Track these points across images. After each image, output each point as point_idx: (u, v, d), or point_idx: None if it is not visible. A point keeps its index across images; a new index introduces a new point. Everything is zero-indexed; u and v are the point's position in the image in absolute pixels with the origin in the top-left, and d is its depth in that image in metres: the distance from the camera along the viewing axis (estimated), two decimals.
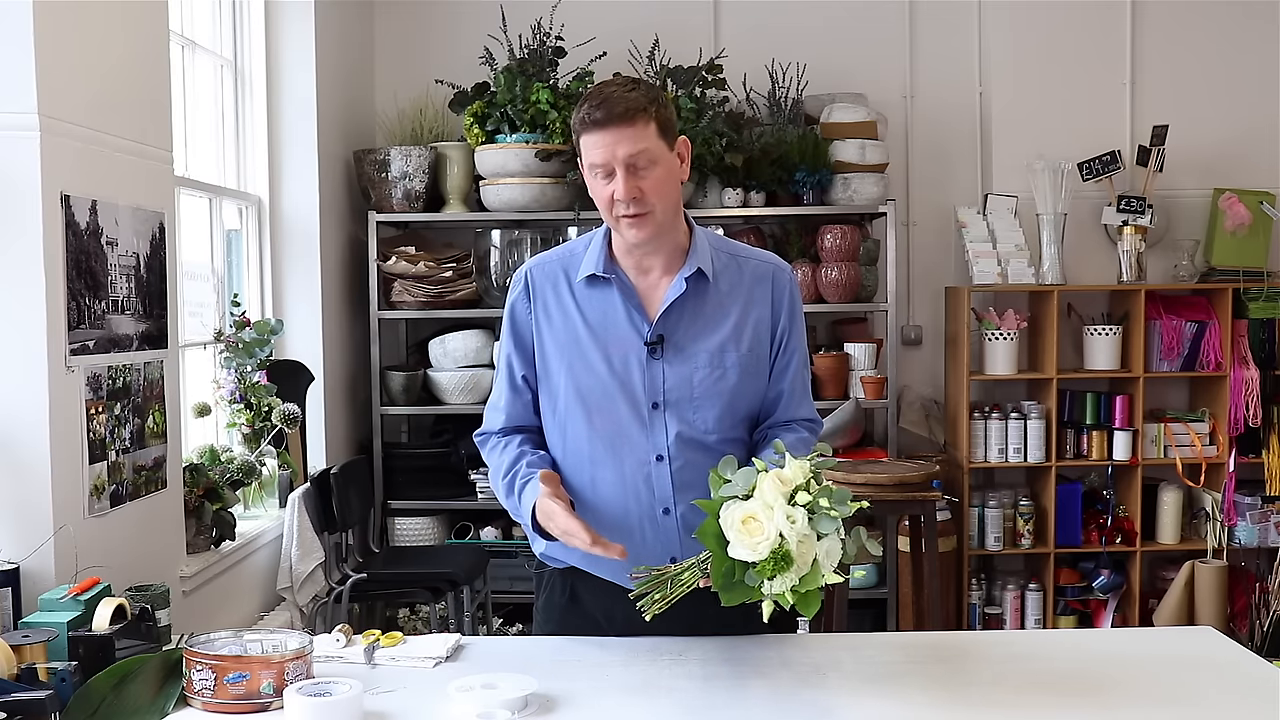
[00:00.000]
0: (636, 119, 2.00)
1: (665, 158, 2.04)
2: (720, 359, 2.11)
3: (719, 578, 1.80)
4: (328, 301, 4.50)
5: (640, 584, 1.93)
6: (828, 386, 4.69)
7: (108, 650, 2.11)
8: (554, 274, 2.17)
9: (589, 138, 2.02)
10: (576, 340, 2.12)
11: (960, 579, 4.81)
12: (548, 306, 2.15)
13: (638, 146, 2.00)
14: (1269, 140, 4.97)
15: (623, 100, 2.00)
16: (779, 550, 1.72)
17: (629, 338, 2.10)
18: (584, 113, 2.02)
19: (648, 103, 2.02)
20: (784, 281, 2.18)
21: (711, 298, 2.12)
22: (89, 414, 2.68)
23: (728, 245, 2.21)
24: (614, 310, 2.12)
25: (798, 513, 1.74)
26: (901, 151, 5.09)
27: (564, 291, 2.15)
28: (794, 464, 1.80)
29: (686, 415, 2.08)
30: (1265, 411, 4.77)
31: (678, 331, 2.10)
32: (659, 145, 2.03)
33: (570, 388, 2.12)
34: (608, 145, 2.00)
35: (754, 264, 2.18)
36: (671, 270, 2.12)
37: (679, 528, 2.09)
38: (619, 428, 2.08)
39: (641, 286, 2.13)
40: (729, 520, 1.78)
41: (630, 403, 2.10)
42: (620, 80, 2.07)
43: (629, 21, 4.85)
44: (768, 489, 1.76)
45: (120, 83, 2.89)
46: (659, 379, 2.09)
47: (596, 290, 2.13)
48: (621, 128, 1.99)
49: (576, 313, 2.13)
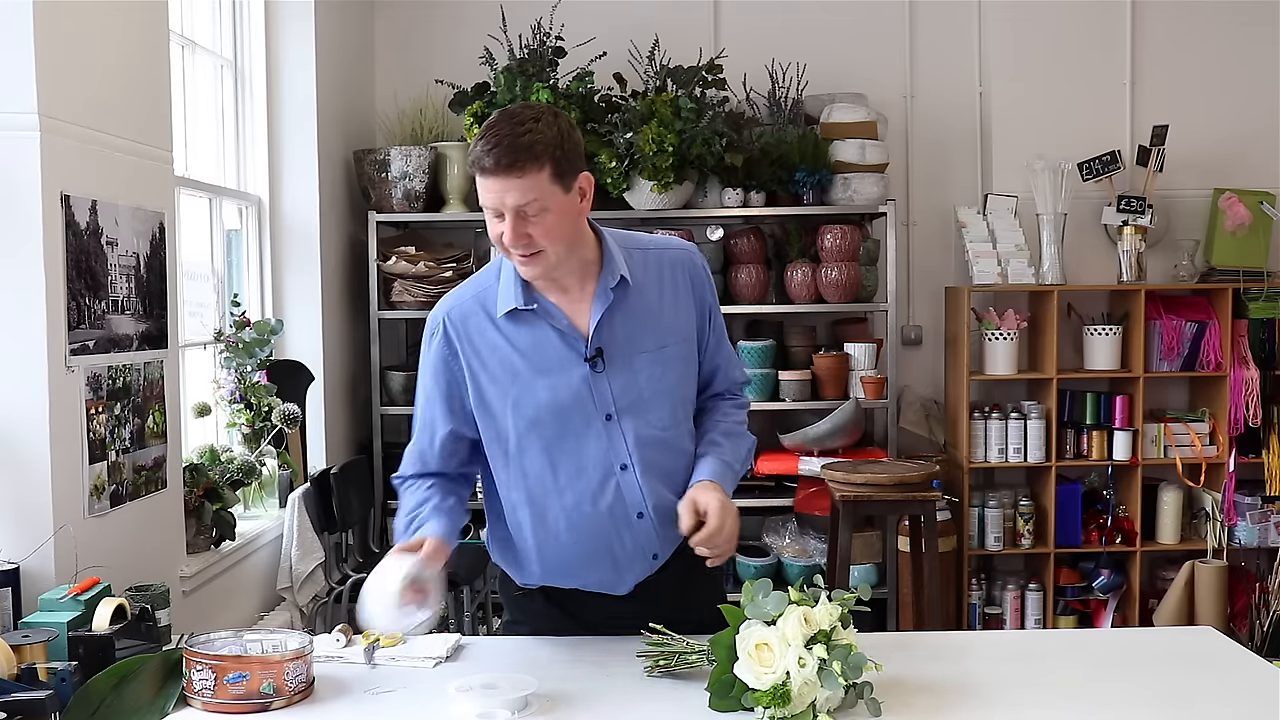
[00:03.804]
0: (527, 169, 1.92)
1: (558, 201, 1.96)
2: (660, 356, 2.11)
3: (715, 683, 1.83)
4: (328, 301, 4.50)
5: (648, 643, 2.00)
6: (828, 386, 4.69)
7: (108, 650, 2.11)
8: (473, 314, 2.10)
9: (479, 180, 1.96)
10: (515, 375, 2.07)
11: (960, 579, 4.81)
12: (476, 348, 2.09)
13: (526, 197, 1.93)
14: (1269, 140, 4.97)
15: (512, 149, 1.91)
16: (780, 687, 1.73)
17: (567, 360, 2.07)
18: (476, 153, 1.94)
19: (542, 149, 1.93)
20: (699, 263, 2.20)
21: (636, 300, 2.11)
22: (89, 414, 2.69)
23: (634, 240, 2.19)
24: (544, 338, 2.08)
25: (811, 659, 1.74)
26: (901, 151, 5.09)
27: (488, 329, 2.09)
28: (825, 607, 1.80)
29: (641, 418, 2.08)
30: (1265, 411, 4.77)
31: (614, 342, 2.08)
32: (551, 190, 1.95)
33: (520, 422, 2.08)
34: (496, 192, 1.94)
35: (668, 253, 2.18)
36: (588, 283, 2.09)
37: (654, 524, 2.11)
38: (578, 447, 2.07)
39: (566, 306, 2.08)
40: (745, 640, 1.79)
41: (584, 420, 2.07)
42: (519, 114, 1.97)
43: (629, 21, 4.85)
44: (791, 625, 1.76)
45: (120, 83, 2.89)
46: (606, 391, 2.08)
47: (521, 323, 2.08)
48: (510, 177, 1.92)
49: (508, 347, 2.08)
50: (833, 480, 3.94)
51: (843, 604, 1.84)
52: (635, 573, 2.15)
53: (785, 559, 4.60)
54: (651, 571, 2.16)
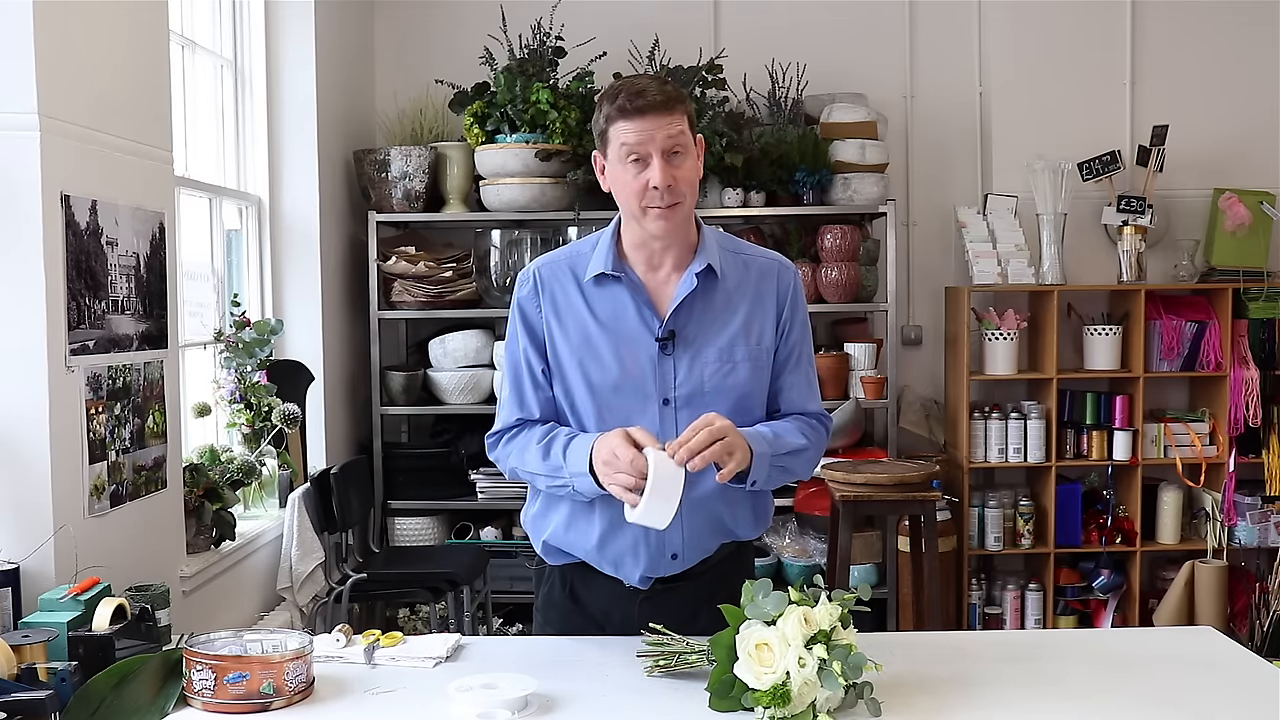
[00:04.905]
0: (675, 108, 2.04)
1: (694, 150, 2.09)
2: (730, 354, 2.12)
3: (715, 683, 1.83)
4: (328, 301, 4.50)
5: (648, 643, 2.00)
6: (828, 386, 4.69)
7: (108, 650, 2.11)
8: (561, 273, 2.17)
9: (626, 124, 2.02)
10: (587, 338, 2.12)
11: (960, 579, 4.81)
12: (557, 305, 2.15)
13: (676, 134, 2.03)
14: (1269, 140, 4.97)
15: (661, 90, 2.03)
16: (780, 687, 1.73)
17: (640, 335, 2.11)
18: (622, 100, 2.03)
19: (680, 95, 2.07)
20: (788, 278, 2.20)
21: (720, 294, 2.14)
22: (89, 414, 2.69)
23: (733, 243, 2.23)
24: (624, 308, 2.12)
25: (811, 659, 1.74)
26: (901, 151, 5.09)
27: (572, 290, 2.15)
28: (825, 607, 1.80)
29: (698, 411, 2.06)
30: (1265, 411, 4.77)
31: (688, 327, 2.11)
32: (689, 136, 2.07)
33: (582, 386, 2.12)
34: (647, 131, 2.02)
35: (760, 261, 2.20)
36: (681, 267, 2.13)
37: (683, 522, 2.09)
38: (630, 425, 2.06)
39: (651, 284, 2.14)
40: (745, 640, 1.79)
41: (642, 400, 2.10)
42: (646, 75, 2.11)
43: (629, 21, 4.85)
44: (791, 625, 1.76)
45: (120, 83, 2.89)
46: (670, 375, 2.10)
47: (605, 289, 2.13)
48: (661, 115, 2.02)
49: (586, 311, 2.13)
50: (833, 480, 3.94)
51: (843, 604, 1.84)
52: (650, 566, 2.14)
53: (785, 559, 4.60)
54: (668, 573, 2.16)
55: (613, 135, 2.05)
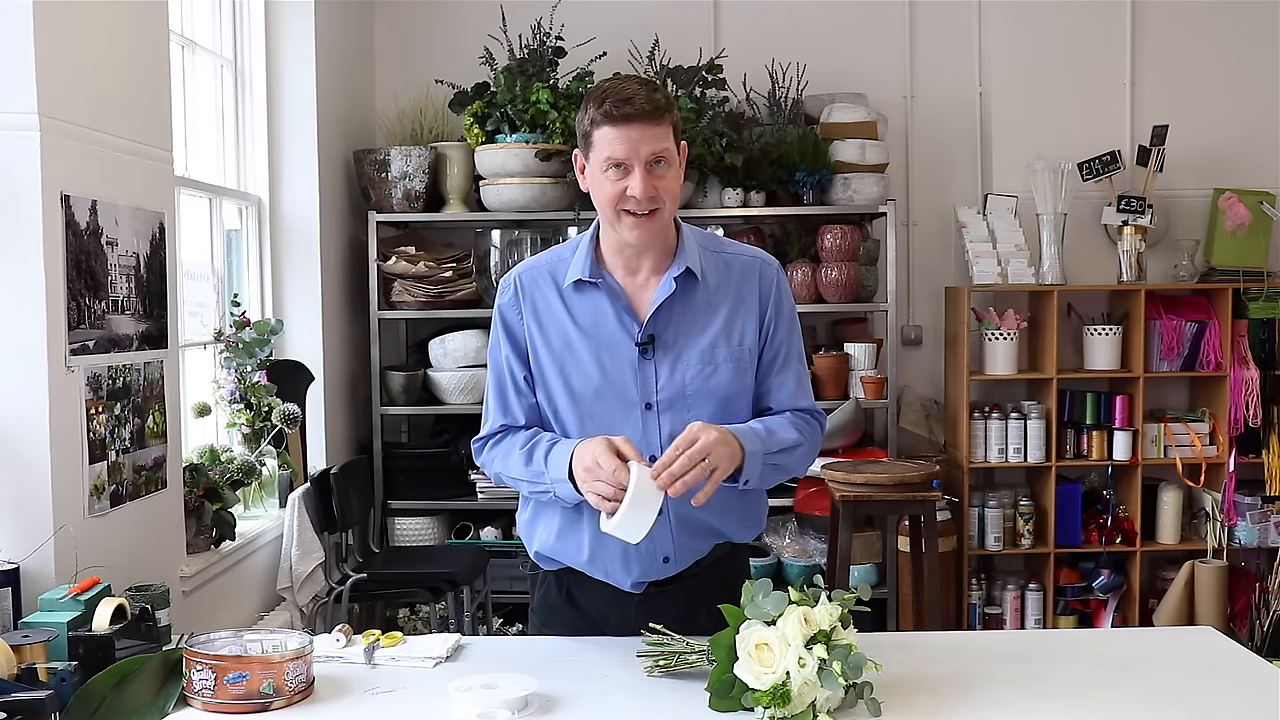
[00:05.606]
0: (662, 118, 2.01)
1: (677, 160, 2.07)
2: (711, 356, 2.10)
3: (715, 683, 1.82)
4: (328, 301, 4.50)
5: (648, 643, 1.99)
6: (828, 386, 4.69)
7: (108, 650, 2.11)
8: (542, 279, 2.16)
9: (611, 130, 2.00)
10: (568, 344, 2.11)
11: (960, 579, 4.81)
12: (538, 312, 2.14)
13: (661, 146, 2.01)
14: (1269, 140, 4.97)
15: (649, 99, 2.00)
16: (780, 687, 1.73)
17: (620, 340, 2.10)
18: (609, 106, 1.99)
19: (670, 104, 2.04)
20: (771, 275, 2.18)
21: (700, 296, 2.12)
22: (89, 414, 2.69)
23: (714, 242, 2.21)
24: (603, 313, 2.11)
25: (811, 659, 1.74)
26: (901, 151, 5.09)
27: (552, 297, 2.14)
28: (825, 607, 1.80)
29: (680, 415, 2.07)
30: (1265, 411, 4.77)
31: (668, 331, 2.10)
32: (674, 146, 2.05)
33: (564, 392, 2.11)
34: (631, 141, 1.99)
35: (742, 260, 2.18)
36: (659, 271, 2.12)
37: (671, 525, 2.10)
38: (612, 430, 2.06)
39: (630, 288, 2.13)
40: (745, 640, 1.79)
41: (624, 405, 2.09)
42: (635, 78, 2.07)
43: (629, 21, 4.85)
44: (791, 625, 1.76)
45: (120, 83, 2.89)
46: (651, 380, 2.09)
47: (585, 294, 2.12)
48: (647, 125, 1.99)
49: (567, 317, 2.12)
50: (833, 480, 3.94)
51: (843, 604, 1.83)
52: (642, 571, 2.14)
53: (785, 559, 4.60)
54: (661, 576, 2.15)
55: (596, 140, 2.03)
